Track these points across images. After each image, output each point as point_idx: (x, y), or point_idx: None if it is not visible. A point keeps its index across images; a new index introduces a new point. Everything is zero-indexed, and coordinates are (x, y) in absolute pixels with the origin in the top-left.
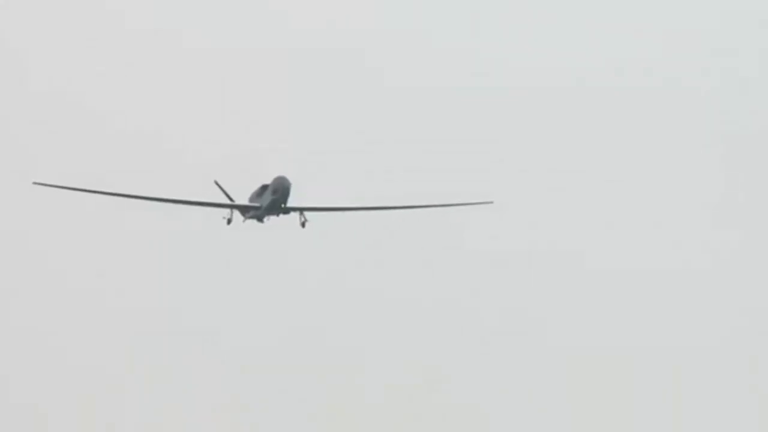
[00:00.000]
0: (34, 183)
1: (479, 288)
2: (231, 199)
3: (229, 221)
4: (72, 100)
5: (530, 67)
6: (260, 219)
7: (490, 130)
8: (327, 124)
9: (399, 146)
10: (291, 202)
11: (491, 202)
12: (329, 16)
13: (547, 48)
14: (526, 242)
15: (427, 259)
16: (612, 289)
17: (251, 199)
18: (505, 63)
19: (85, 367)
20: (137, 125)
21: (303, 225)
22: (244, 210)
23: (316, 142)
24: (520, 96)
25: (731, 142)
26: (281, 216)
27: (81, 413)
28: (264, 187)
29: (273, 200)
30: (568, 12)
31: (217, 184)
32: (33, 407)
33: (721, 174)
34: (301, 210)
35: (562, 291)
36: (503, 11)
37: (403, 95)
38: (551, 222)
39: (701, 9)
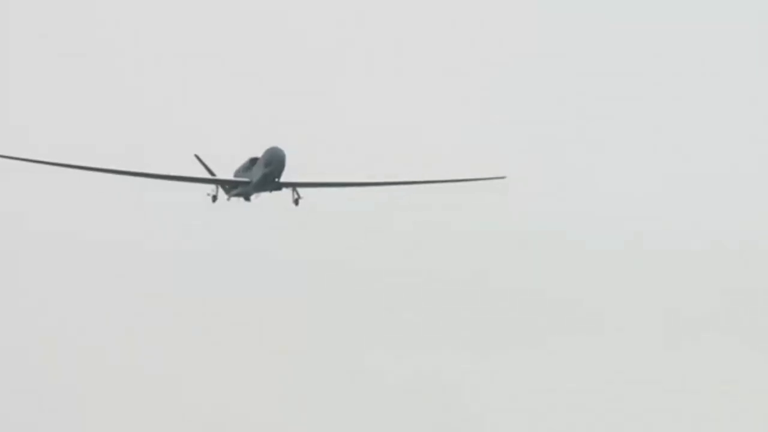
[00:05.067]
0: None
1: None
2: (213, 174)
3: (214, 198)
4: (48, 72)
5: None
6: (247, 196)
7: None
8: (325, 92)
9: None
10: (283, 177)
11: (504, 177)
12: None
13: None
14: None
15: (437, 238)
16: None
17: (237, 175)
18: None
19: (57, 347)
20: (113, 95)
21: (296, 203)
22: (229, 186)
23: (312, 112)
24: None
25: None
26: (272, 193)
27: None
28: (253, 161)
29: (265, 174)
30: None
31: (197, 158)
32: None
33: None
34: (295, 186)
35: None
36: None
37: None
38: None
39: None
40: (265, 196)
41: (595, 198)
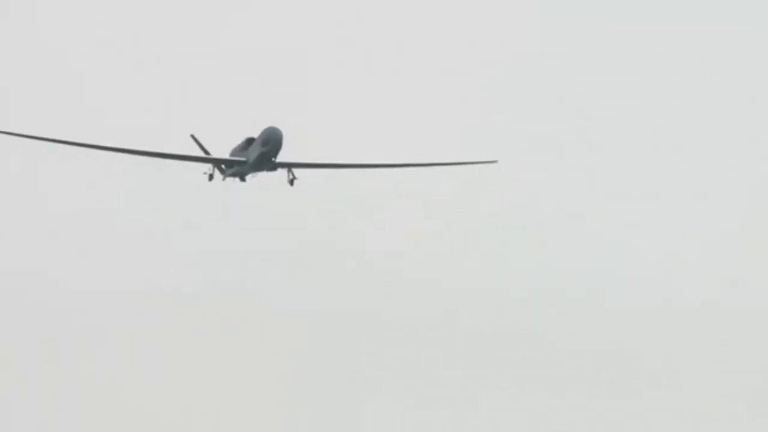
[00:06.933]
0: None
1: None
2: (208, 154)
3: (210, 177)
4: (46, 50)
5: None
6: (243, 177)
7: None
8: (323, 73)
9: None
10: (279, 158)
11: (495, 161)
12: None
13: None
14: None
15: (431, 221)
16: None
17: (233, 155)
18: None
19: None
20: (111, 75)
21: (291, 183)
22: (225, 166)
23: (309, 94)
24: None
25: None
26: (268, 173)
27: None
28: (249, 141)
29: (262, 153)
30: None
31: (193, 138)
32: None
33: None
34: (290, 166)
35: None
36: None
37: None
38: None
39: None
40: (260, 176)
41: (594, 198)
